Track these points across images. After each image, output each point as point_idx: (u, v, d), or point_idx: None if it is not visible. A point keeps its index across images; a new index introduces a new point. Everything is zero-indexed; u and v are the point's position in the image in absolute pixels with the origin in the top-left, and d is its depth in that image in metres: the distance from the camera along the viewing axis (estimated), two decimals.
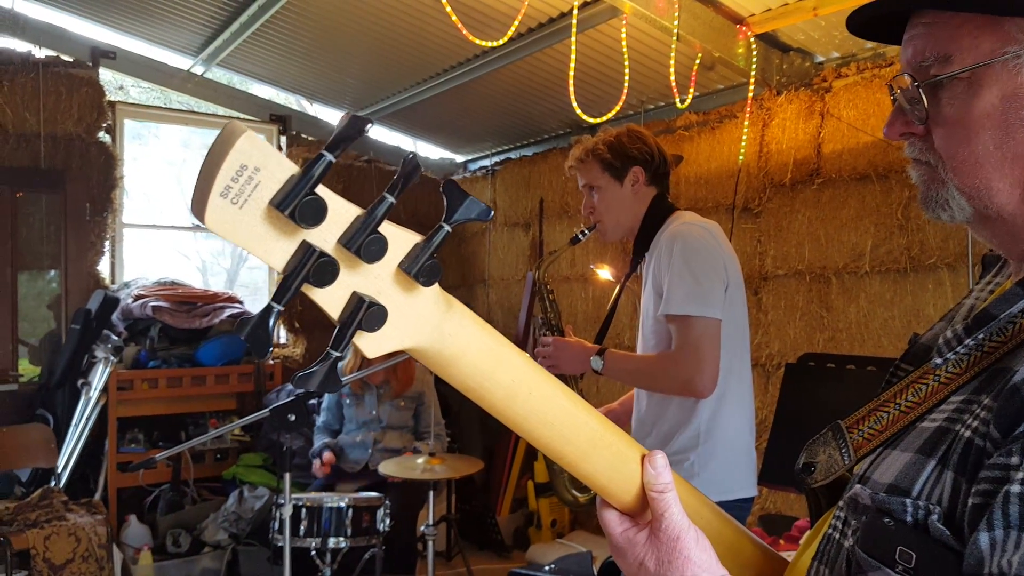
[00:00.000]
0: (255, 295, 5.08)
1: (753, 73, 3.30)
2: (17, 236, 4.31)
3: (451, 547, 4.20)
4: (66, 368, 4.12)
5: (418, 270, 0.57)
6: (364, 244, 0.55)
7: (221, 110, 5.29)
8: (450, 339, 0.63)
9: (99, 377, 4.04)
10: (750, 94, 3.38)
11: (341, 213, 0.55)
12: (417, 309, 0.60)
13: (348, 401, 3.39)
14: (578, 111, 3.39)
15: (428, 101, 4.76)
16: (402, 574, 3.04)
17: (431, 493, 2.81)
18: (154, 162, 6.40)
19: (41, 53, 4.44)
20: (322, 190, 0.54)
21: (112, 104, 4.69)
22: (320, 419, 3.43)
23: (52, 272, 4.53)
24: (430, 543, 2.79)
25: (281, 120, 5.36)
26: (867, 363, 2.37)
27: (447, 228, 0.58)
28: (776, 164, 3.47)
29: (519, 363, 0.68)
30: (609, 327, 2.05)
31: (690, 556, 0.66)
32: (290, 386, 4.61)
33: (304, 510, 2.75)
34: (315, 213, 0.53)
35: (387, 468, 2.85)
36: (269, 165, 0.53)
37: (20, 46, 4.42)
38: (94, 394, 4.01)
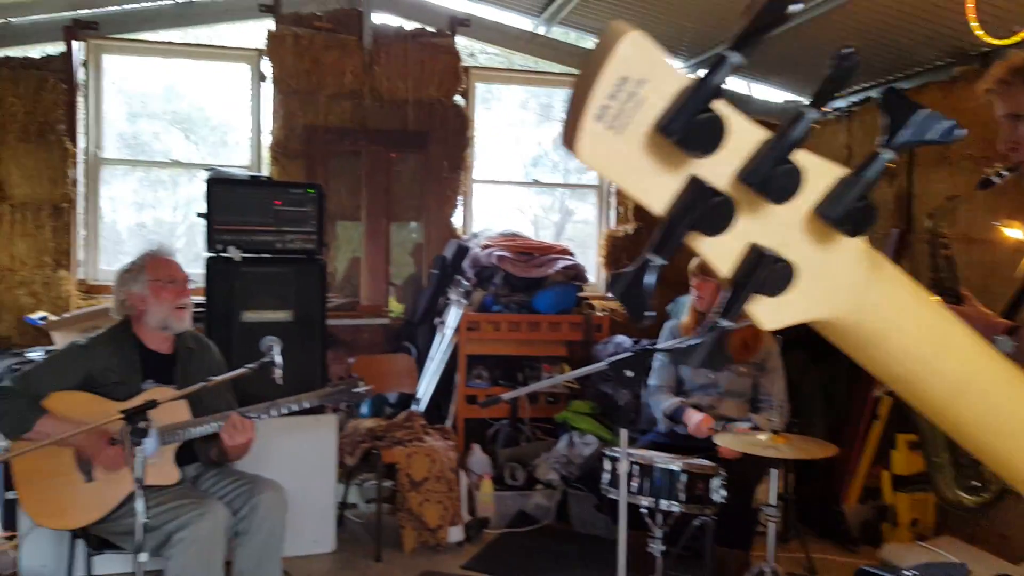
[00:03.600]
0: (581, 248, 5.27)
1: None
2: (390, 192, 4.95)
3: (787, 529, 3.89)
4: (427, 307, 4.66)
5: (842, 215, 0.43)
6: (772, 178, 0.41)
7: (561, 68, 5.46)
8: (876, 311, 0.48)
9: (453, 317, 4.50)
10: None
11: (743, 137, 0.42)
12: (834, 268, 0.45)
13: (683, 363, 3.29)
14: (977, 30, 2.80)
15: (772, 39, 4.34)
16: (735, 548, 2.89)
17: (773, 471, 2.61)
18: (496, 123, 6.94)
19: (410, 25, 4.97)
20: (722, 106, 0.42)
21: (466, 69, 5.10)
22: (653, 381, 3.33)
23: (414, 223, 5.14)
24: (771, 525, 2.59)
25: None
26: None
27: (887, 155, 0.42)
28: None
29: (972, 348, 0.49)
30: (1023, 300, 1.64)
31: None
32: (619, 338, 4.67)
33: (636, 467, 2.73)
34: (710, 137, 0.41)
35: (724, 440, 2.70)
36: (656, 76, 0.41)
37: (393, 21, 5.00)
38: (448, 332, 4.49)
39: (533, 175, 5.86)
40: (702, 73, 0.41)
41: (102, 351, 2.61)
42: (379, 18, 4.97)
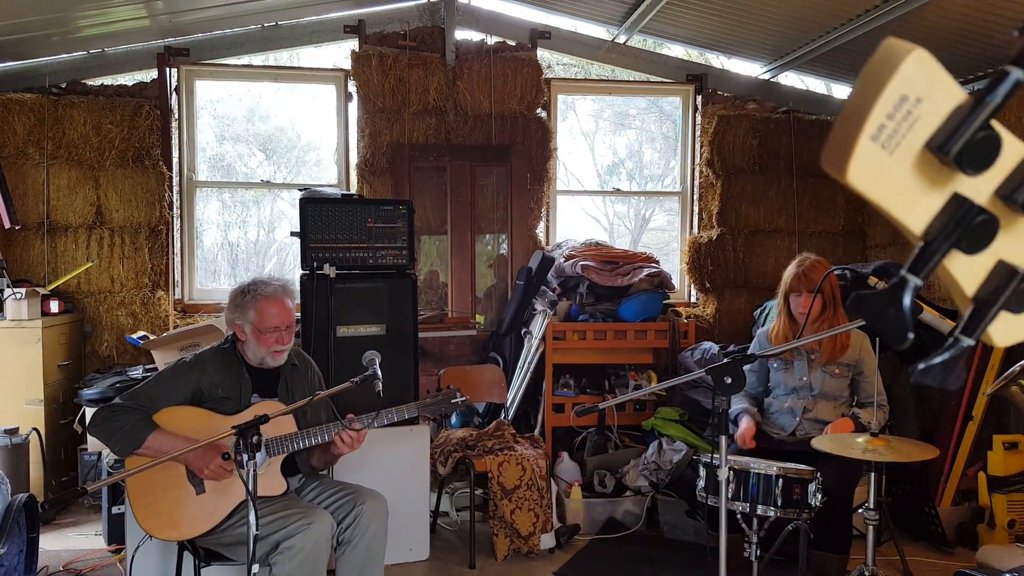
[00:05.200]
0: (659, 256, 5.24)
1: None
2: (475, 205, 5.04)
3: (880, 531, 3.79)
4: (513, 318, 4.72)
5: None
6: None
7: (639, 76, 5.46)
8: None
9: (539, 327, 4.55)
10: None
11: (1008, 154, 0.42)
12: None
13: (776, 365, 3.24)
14: None
15: (856, 41, 4.26)
16: (833, 552, 2.84)
17: (872, 475, 2.55)
18: (572, 135, 6.99)
19: (491, 40, 5.06)
20: (995, 123, 0.41)
21: (547, 81, 5.15)
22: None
23: (500, 235, 5.21)
24: (870, 528, 2.54)
25: (697, 79, 5.32)
26: None
27: None
28: None
29: None
30: None
31: None
32: (706, 344, 4.62)
33: (731, 472, 2.71)
34: (986, 156, 0.41)
35: (821, 444, 2.65)
36: (934, 94, 0.41)
37: (475, 36, 5.10)
38: (535, 342, 4.53)
39: (609, 184, 5.87)
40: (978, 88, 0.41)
41: (209, 368, 2.71)
42: (461, 34, 5.08)
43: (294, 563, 2.39)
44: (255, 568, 2.15)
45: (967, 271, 0.44)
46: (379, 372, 2.53)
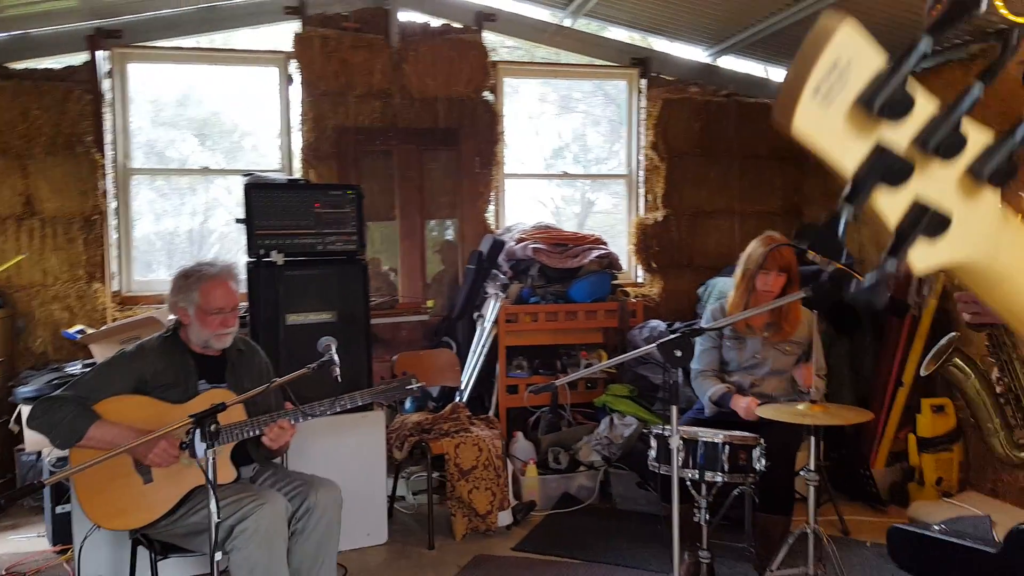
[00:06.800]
0: (605, 238, 5.35)
1: None
2: (424, 190, 5.02)
3: (820, 494, 3.99)
4: (464, 302, 4.74)
5: (991, 172, 0.51)
6: (943, 143, 0.50)
7: (584, 59, 5.50)
8: (1004, 256, 0.56)
9: (491, 310, 4.58)
10: None
11: (920, 108, 0.51)
12: (976, 218, 0.54)
13: (729, 344, 3.33)
14: (1000, 6, 2.83)
15: (794, 26, 4.40)
16: (777, 513, 2.98)
17: (813, 439, 2.68)
18: (516, 118, 7.02)
19: (436, 22, 5.03)
20: (910, 82, 0.50)
21: (494, 64, 5.15)
22: (696, 365, 3.36)
23: (445, 221, 5.20)
24: (811, 489, 2.67)
25: (641, 63, 5.40)
26: None
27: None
28: None
29: None
30: None
31: None
32: (653, 322, 4.73)
33: (681, 441, 2.80)
34: (902, 108, 0.50)
35: (765, 412, 2.78)
36: (860, 59, 0.50)
37: (419, 18, 5.06)
38: (488, 325, 4.57)
39: (554, 168, 5.92)
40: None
41: (152, 356, 2.66)
42: (405, 16, 5.03)
43: (251, 546, 2.36)
44: (217, 556, 2.13)
45: (890, 205, 0.53)
46: (336, 358, 2.53)
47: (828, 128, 0.50)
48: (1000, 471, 3.98)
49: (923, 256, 0.54)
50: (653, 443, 2.92)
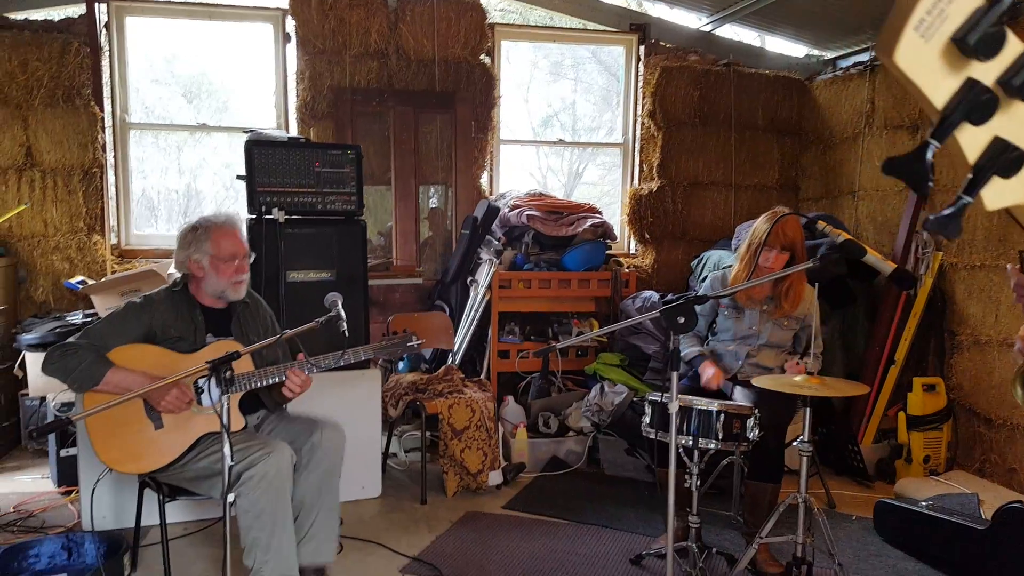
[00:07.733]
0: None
1: None
2: (419, 153, 5.01)
3: (808, 467, 4.10)
4: (458, 267, 4.77)
5: None
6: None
7: (579, 23, 5.46)
8: None
9: (485, 276, 4.62)
10: None
11: (1011, 50, 0.55)
12: None
13: (727, 312, 3.38)
14: None
15: None
16: (768, 482, 3.06)
17: (807, 410, 2.75)
18: (506, 84, 6.95)
19: None
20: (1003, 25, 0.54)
21: (491, 26, 5.11)
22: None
23: (443, 185, 5.20)
24: (804, 459, 2.75)
25: (640, 28, 5.38)
26: None
27: None
28: None
29: None
30: None
31: None
32: (646, 293, 4.79)
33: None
34: (993, 46, 0.53)
35: (761, 382, 2.84)
36: None
37: None
38: (481, 290, 4.61)
39: (543, 135, 5.92)
40: None
41: (161, 308, 2.71)
42: None
43: (258, 491, 2.45)
44: (230, 497, 2.20)
45: (971, 142, 0.56)
46: (343, 313, 2.58)
47: (924, 63, 0.54)
48: (989, 451, 4.05)
49: (996, 193, 0.58)
50: (648, 409, 2.99)
